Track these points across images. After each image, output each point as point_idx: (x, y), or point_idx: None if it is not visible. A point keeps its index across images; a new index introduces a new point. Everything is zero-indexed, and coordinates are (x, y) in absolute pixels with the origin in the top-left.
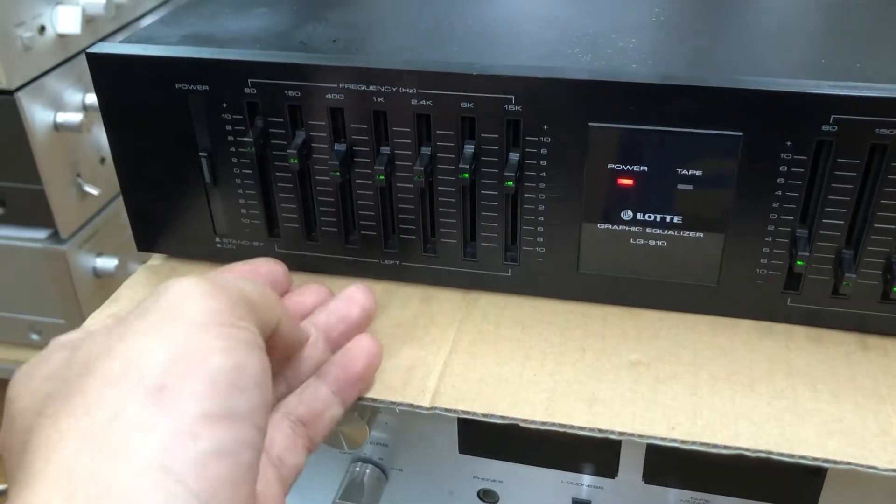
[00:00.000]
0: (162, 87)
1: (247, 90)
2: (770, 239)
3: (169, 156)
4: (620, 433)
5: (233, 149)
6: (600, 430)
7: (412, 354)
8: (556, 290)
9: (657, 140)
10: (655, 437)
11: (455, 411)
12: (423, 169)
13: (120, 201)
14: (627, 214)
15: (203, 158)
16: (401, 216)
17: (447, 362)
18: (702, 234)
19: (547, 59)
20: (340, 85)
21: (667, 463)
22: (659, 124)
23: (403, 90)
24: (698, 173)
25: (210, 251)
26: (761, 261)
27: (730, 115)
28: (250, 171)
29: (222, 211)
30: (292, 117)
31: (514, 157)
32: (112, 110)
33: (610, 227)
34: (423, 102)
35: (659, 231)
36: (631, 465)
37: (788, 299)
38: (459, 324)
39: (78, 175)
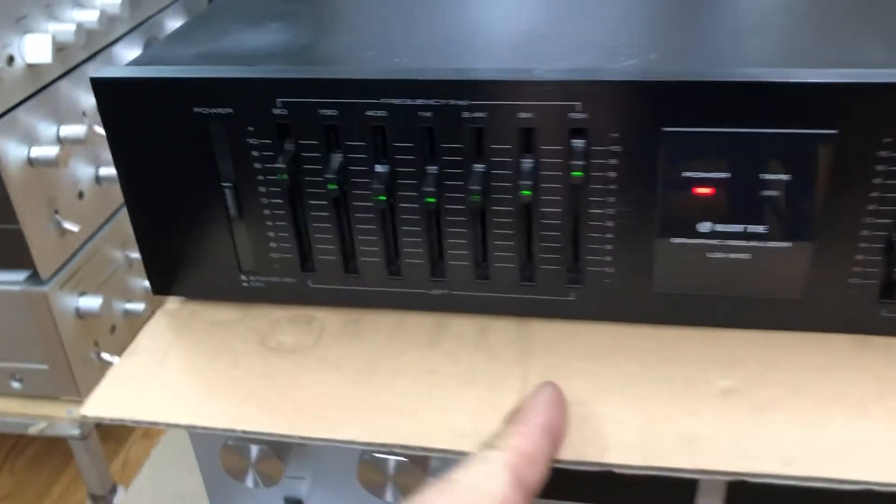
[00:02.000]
0: (179, 113)
1: (276, 111)
2: (864, 245)
3: (187, 188)
4: (730, 473)
5: (260, 177)
6: (706, 472)
7: (479, 397)
8: (626, 314)
9: (739, 143)
10: (770, 475)
11: None
12: (479, 188)
13: (101, 237)
14: (705, 226)
15: (227, 189)
16: (450, 241)
17: None
18: (788, 244)
19: (609, 60)
20: (383, 100)
21: (750, 500)
22: (741, 126)
23: (454, 103)
24: (785, 178)
25: (235, 290)
26: (854, 269)
27: (821, 113)
28: (281, 201)
29: (249, 246)
30: (327, 139)
31: (579, 150)
32: (122, 141)
33: (686, 241)
34: (476, 115)
35: (740, 243)
36: None
37: (883, 309)
38: (524, 357)
39: (56, 212)
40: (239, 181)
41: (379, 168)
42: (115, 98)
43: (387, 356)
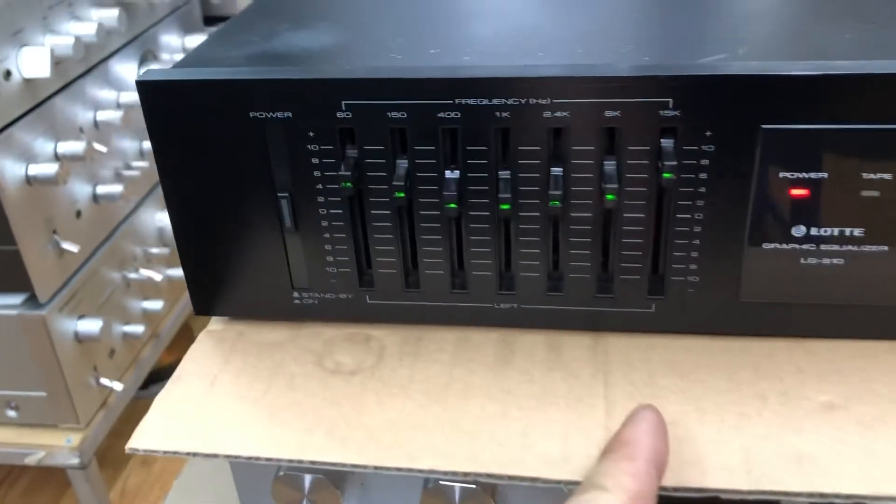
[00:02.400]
0: (233, 117)
1: (340, 114)
2: None
3: (238, 199)
4: (848, 496)
5: (320, 185)
6: (822, 495)
7: (562, 419)
8: (711, 325)
9: (842, 141)
10: (892, 498)
11: None
12: (559, 193)
13: (99, 257)
14: (800, 230)
15: (283, 199)
16: (522, 251)
17: (608, 426)
18: (886, 248)
19: (696, 55)
20: (457, 101)
21: None
22: (845, 122)
23: (535, 102)
24: (888, 177)
25: (285, 309)
26: None
27: None
28: (340, 211)
29: (303, 260)
30: (393, 143)
31: (670, 150)
32: (169, 148)
33: (778, 246)
34: (557, 114)
35: (836, 247)
36: None
37: None
38: (604, 375)
39: (54, 232)
40: (296, 190)
41: (449, 174)
42: (163, 101)
43: (455, 376)
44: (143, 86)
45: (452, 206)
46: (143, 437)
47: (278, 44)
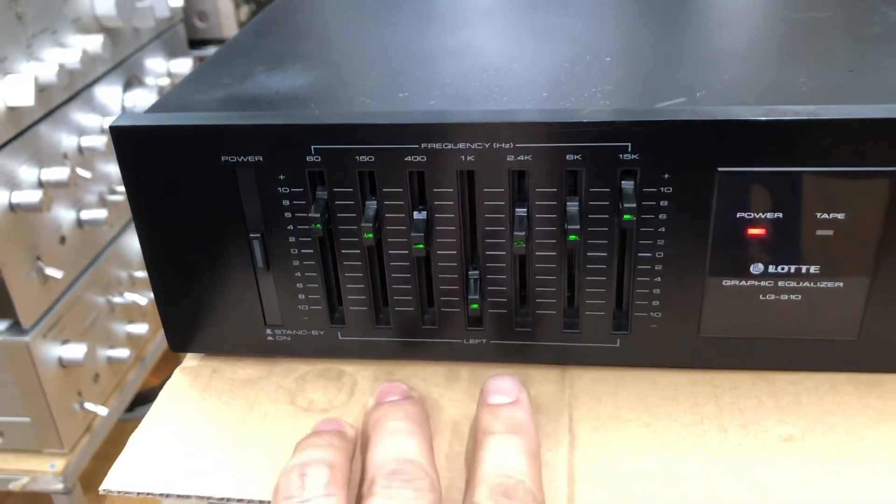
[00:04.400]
0: (205, 161)
1: (310, 158)
2: None
3: (211, 240)
4: None
5: (290, 226)
6: None
7: None
8: (674, 359)
9: (795, 183)
10: None
11: None
12: (523, 234)
13: (84, 282)
14: (758, 268)
15: (255, 240)
16: (490, 288)
17: (572, 461)
18: (841, 284)
19: (655, 99)
20: (423, 145)
21: None
22: (798, 165)
23: (498, 146)
24: (841, 216)
25: (259, 345)
26: None
27: (882, 149)
28: (311, 251)
29: (275, 299)
30: (362, 186)
31: (630, 192)
32: (142, 191)
33: (737, 283)
34: (520, 158)
35: (793, 284)
36: None
37: None
38: (570, 409)
39: (38, 258)
40: (267, 231)
41: (417, 215)
42: (136, 146)
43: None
44: (116, 131)
45: (420, 246)
46: (117, 478)
47: (252, 87)
